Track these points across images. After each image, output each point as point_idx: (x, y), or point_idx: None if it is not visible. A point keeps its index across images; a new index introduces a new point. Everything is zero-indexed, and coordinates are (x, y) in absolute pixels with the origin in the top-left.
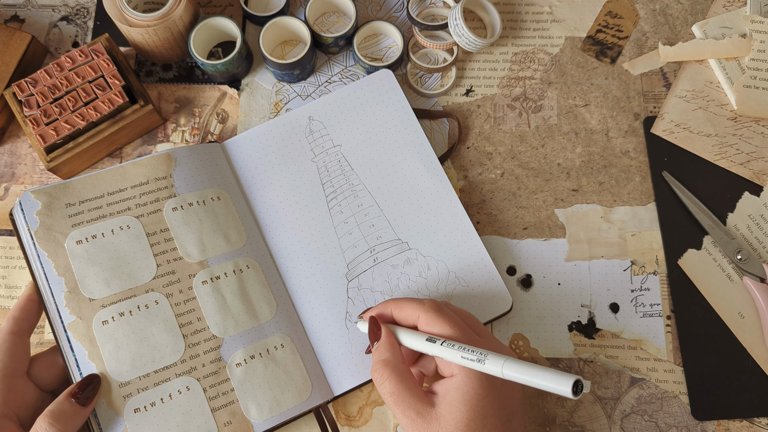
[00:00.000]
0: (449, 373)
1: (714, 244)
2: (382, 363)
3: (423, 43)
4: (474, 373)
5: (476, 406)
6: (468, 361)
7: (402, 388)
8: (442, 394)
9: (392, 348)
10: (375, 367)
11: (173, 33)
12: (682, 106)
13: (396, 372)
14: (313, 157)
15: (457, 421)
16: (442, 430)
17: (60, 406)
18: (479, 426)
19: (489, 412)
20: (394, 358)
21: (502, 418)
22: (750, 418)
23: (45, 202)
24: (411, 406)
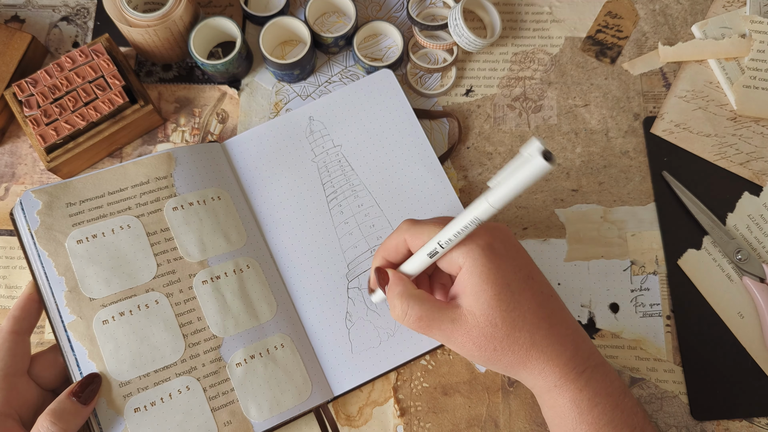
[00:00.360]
0: (457, 268)
1: (714, 244)
2: (398, 295)
3: (423, 43)
4: (476, 252)
5: (496, 279)
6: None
7: (426, 308)
8: (461, 291)
9: (401, 280)
10: (393, 304)
11: (173, 33)
12: (682, 106)
13: (413, 298)
14: (313, 157)
15: (488, 301)
16: (480, 318)
17: (61, 405)
18: (508, 294)
19: (510, 278)
20: (406, 287)
21: (523, 278)
22: (750, 418)
23: (45, 201)
24: (442, 319)
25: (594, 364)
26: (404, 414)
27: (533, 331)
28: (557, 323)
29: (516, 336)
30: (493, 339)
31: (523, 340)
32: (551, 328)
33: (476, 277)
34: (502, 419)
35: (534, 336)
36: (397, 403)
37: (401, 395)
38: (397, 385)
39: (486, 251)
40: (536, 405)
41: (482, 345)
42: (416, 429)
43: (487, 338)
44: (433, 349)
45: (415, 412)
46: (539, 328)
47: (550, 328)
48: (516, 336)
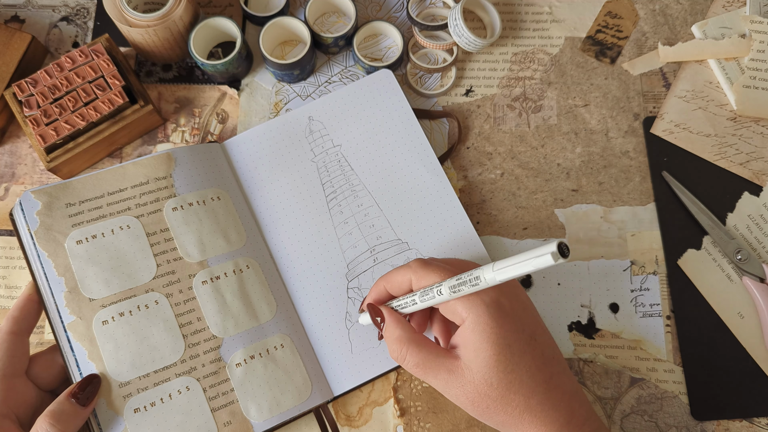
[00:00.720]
0: (459, 320)
1: (714, 244)
2: (396, 341)
3: (423, 43)
4: (480, 309)
5: (497, 340)
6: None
7: (424, 356)
8: (462, 344)
9: (399, 323)
10: (392, 348)
11: (173, 33)
12: (682, 106)
13: (413, 343)
14: (313, 157)
15: (486, 360)
16: (476, 375)
17: (60, 406)
18: (506, 356)
19: (511, 338)
20: (404, 331)
21: (525, 339)
22: (750, 418)
23: (45, 202)
24: (440, 368)
25: (590, 430)
26: (404, 414)
27: (529, 396)
28: (554, 387)
29: (510, 398)
30: (486, 398)
31: (517, 403)
32: (548, 393)
33: (477, 334)
34: None
35: (529, 400)
36: (397, 403)
37: (401, 395)
38: (397, 385)
39: (491, 308)
40: None
41: (476, 401)
42: (416, 429)
43: (481, 396)
44: None
45: (415, 412)
46: (535, 393)
47: (546, 392)
48: (510, 398)
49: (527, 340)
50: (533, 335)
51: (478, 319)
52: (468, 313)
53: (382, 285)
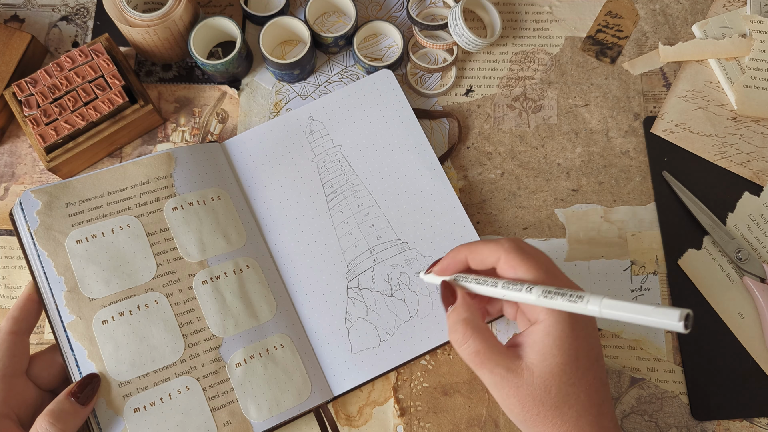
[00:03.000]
0: (534, 317)
1: (714, 244)
2: (463, 323)
3: (423, 43)
4: (562, 315)
5: (569, 350)
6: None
7: (486, 346)
8: (528, 344)
9: (470, 307)
10: (455, 328)
11: (173, 33)
12: (682, 106)
13: (477, 331)
14: (313, 157)
15: (552, 367)
16: (536, 379)
17: (60, 406)
18: (573, 369)
19: (581, 353)
20: (473, 316)
21: (592, 359)
22: (750, 418)
23: (45, 201)
24: (499, 363)
25: None
26: (404, 414)
27: (582, 414)
28: (604, 414)
29: (564, 411)
30: (540, 404)
31: (568, 417)
32: (598, 417)
33: (551, 338)
34: (502, 419)
35: (580, 420)
36: (397, 403)
37: (401, 395)
38: (397, 385)
39: (570, 318)
40: None
41: (526, 405)
42: (416, 429)
43: (535, 401)
44: (433, 349)
45: (415, 412)
46: (588, 414)
47: (597, 416)
48: (564, 411)
49: (593, 360)
50: (598, 357)
51: (557, 325)
52: (547, 316)
53: (464, 254)
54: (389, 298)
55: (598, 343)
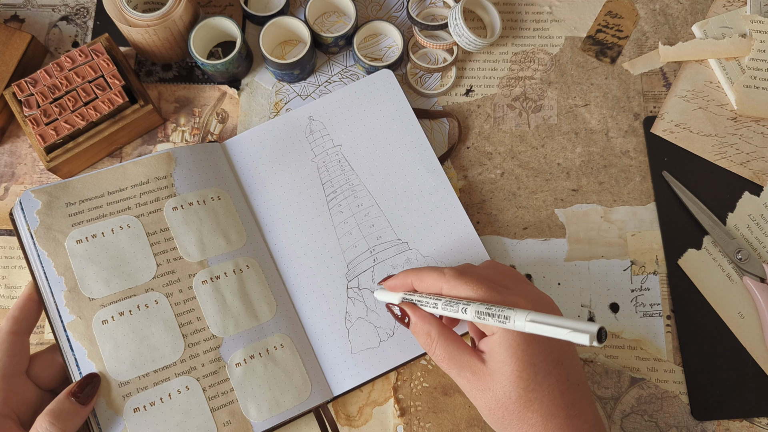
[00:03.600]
0: (489, 331)
1: (714, 244)
2: (426, 335)
3: (423, 43)
4: None
5: (522, 357)
6: (489, 319)
7: (452, 350)
8: (488, 351)
9: (425, 319)
10: (421, 341)
11: (173, 33)
12: (682, 106)
13: (441, 337)
14: (313, 157)
15: (509, 374)
16: (496, 384)
17: (60, 405)
18: (530, 374)
19: (536, 359)
20: (432, 326)
21: (551, 363)
22: (750, 418)
23: (45, 201)
24: (465, 366)
25: None
26: (404, 414)
27: (548, 418)
28: (576, 415)
29: (528, 416)
30: (503, 409)
31: (533, 422)
32: (568, 419)
33: (504, 348)
34: None
35: (547, 423)
36: (397, 403)
37: (401, 395)
38: (397, 385)
39: None
40: None
41: (492, 409)
42: (416, 429)
43: (498, 406)
44: None
45: (415, 412)
46: (555, 416)
47: (567, 418)
48: (528, 416)
49: (553, 363)
50: (560, 359)
51: (507, 335)
52: (497, 327)
53: (410, 281)
54: None
55: (559, 345)
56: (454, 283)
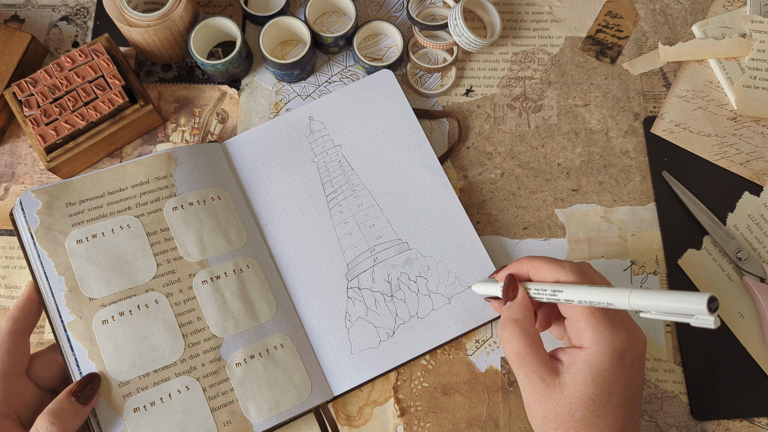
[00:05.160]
0: (579, 343)
1: (714, 244)
2: (513, 322)
3: (423, 43)
4: (605, 348)
5: (603, 383)
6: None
7: (529, 351)
8: (567, 364)
9: (526, 310)
10: (504, 325)
11: (173, 33)
12: (682, 106)
13: (526, 333)
14: (313, 157)
15: (582, 394)
16: (564, 399)
17: (60, 405)
18: (603, 402)
19: (615, 390)
20: (525, 319)
21: (626, 398)
22: (750, 418)
23: (45, 201)
24: (535, 370)
25: None
26: (404, 414)
27: None
28: None
29: None
30: (561, 423)
31: None
32: None
33: (589, 368)
34: (502, 419)
35: None
36: (397, 403)
37: (401, 395)
38: (397, 385)
39: (614, 356)
40: None
41: (548, 418)
42: (416, 429)
43: (557, 418)
44: (433, 349)
45: (415, 412)
46: None
47: None
48: None
49: (627, 400)
50: (633, 398)
51: (599, 357)
52: (592, 345)
53: (526, 267)
54: (389, 298)
55: (636, 383)
56: (572, 278)
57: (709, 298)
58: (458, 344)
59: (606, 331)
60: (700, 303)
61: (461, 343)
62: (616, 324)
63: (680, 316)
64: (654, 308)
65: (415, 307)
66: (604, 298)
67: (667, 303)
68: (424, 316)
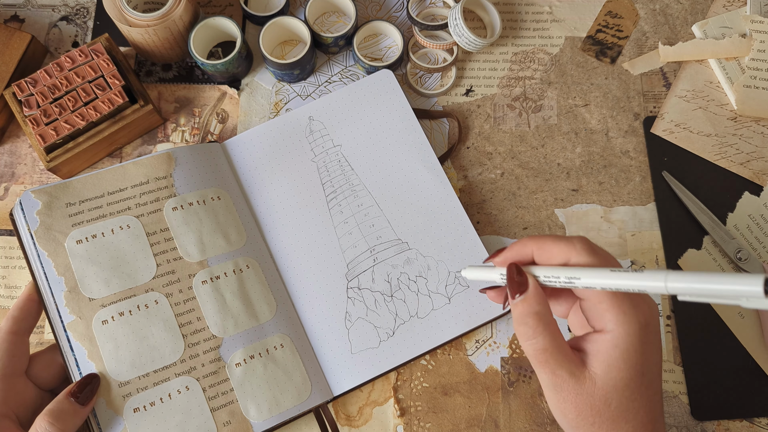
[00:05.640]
0: (600, 325)
1: (714, 244)
2: (534, 316)
3: (423, 43)
4: (632, 328)
5: (635, 364)
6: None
7: (554, 345)
8: (594, 353)
9: (543, 300)
10: (524, 321)
11: (173, 33)
12: (682, 106)
13: (548, 327)
14: (313, 157)
15: (616, 382)
16: (598, 391)
17: (59, 405)
18: (638, 384)
19: (646, 368)
20: (545, 311)
21: (655, 374)
22: (750, 418)
23: (45, 201)
24: (563, 365)
25: None
26: (404, 414)
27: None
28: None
29: (620, 425)
30: (597, 415)
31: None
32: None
33: (618, 351)
34: (502, 419)
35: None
36: (397, 403)
37: (401, 395)
38: (397, 385)
39: (641, 332)
40: (536, 405)
41: (582, 413)
42: (416, 429)
43: (593, 412)
44: (433, 349)
45: (415, 412)
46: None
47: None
48: (620, 425)
49: (656, 376)
50: (660, 373)
51: (626, 337)
52: (617, 327)
53: (530, 248)
54: (389, 298)
55: (660, 358)
56: (585, 257)
57: (766, 278)
58: (458, 344)
59: (630, 309)
60: (757, 284)
61: (461, 343)
62: (637, 299)
63: (726, 299)
64: (699, 292)
65: (415, 307)
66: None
67: (715, 285)
68: (424, 316)
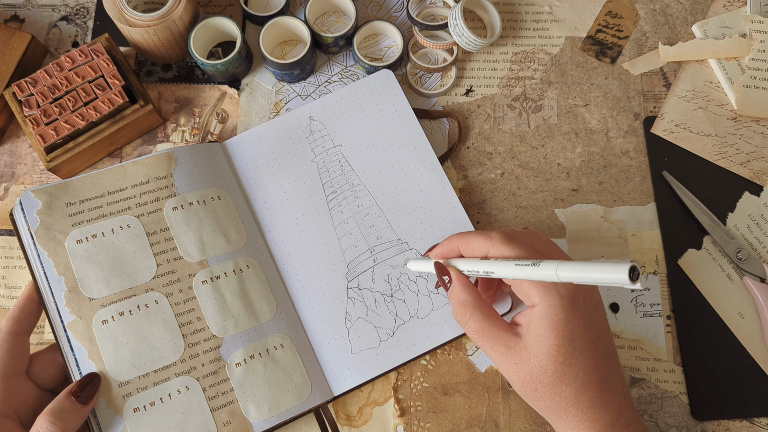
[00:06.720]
0: (529, 302)
1: (714, 243)
2: (461, 304)
3: (423, 43)
4: (554, 299)
5: (563, 331)
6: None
7: (487, 324)
8: (526, 325)
9: (467, 287)
10: (455, 310)
11: (173, 33)
12: (682, 106)
13: (477, 309)
14: (313, 157)
15: (547, 348)
16: (533, 359)
17: (60, 405)
18: (569, 349)
19: (576, 334)
20: (471, 296)
21: (590, 338)
22: (750, 418)
23: (45, 201)
24: (499, 340)
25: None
26: (404, 414)
27: (580, 391)
28: (607, 387)
29: (561, 389)
30: (537, 382)
31: (566, 395)
32: (600, 392)
33: (545, 321)
34: (502, 419)
35: (579, 395)
36: (397, 403)
37: (401, 395)
38: (397, 385)
39: (564, 301)
40: None
41: (525, 382)
42: (416, 429)
43: (533, 379)
44: (433, 349)
45: (415, 412)
46: (587, 390)
47: (598, 391)
48: (561, 389)
49: (592, 339)
50: (598, 335)
51: (550, 309)
52: (540, 300)
53: (456, 244)
54: (389, 299)
55: (597, 321)
56: (501, 248)
57: (630, 268)
58: (458, 344)
59: (550, 285)
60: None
61: (461, 343)
62: None
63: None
64: (582, 280)
65: (415, 307)
66: (533, 274)
67: (592, 275)
68: (424, 316)
